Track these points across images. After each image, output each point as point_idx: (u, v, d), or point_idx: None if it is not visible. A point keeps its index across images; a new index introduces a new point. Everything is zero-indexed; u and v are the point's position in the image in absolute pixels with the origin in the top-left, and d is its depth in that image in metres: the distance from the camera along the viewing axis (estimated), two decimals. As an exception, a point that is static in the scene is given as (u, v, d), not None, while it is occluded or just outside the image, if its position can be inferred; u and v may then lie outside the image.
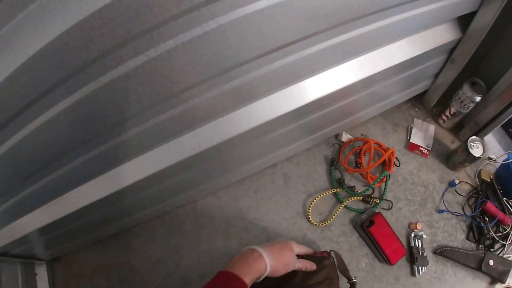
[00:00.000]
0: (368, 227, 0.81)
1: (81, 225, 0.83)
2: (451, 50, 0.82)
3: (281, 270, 0.59)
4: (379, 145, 0.86)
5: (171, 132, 0.61)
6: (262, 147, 0.78)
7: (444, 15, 0.72)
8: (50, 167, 0.60)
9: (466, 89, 0.83)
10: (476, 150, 0.82)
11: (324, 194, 0.84)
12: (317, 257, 0.69)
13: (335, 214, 0.82)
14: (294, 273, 0.65)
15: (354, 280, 0.71)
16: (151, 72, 0.44)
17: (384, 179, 0.84)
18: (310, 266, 0.65)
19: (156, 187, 0.75)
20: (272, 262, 0.57)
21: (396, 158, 0.88)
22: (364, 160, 0.87)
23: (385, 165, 0.86)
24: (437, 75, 0.93)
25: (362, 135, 0.90)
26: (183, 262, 0.85)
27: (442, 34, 0.76)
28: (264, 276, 0.56)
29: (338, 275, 0.71)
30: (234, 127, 0.64)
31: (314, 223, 0.82)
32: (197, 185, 0.82)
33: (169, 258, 0.86)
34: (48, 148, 0.54)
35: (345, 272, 0.73)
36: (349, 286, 0.72)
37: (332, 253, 0.72)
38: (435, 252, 0.83)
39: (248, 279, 0.52)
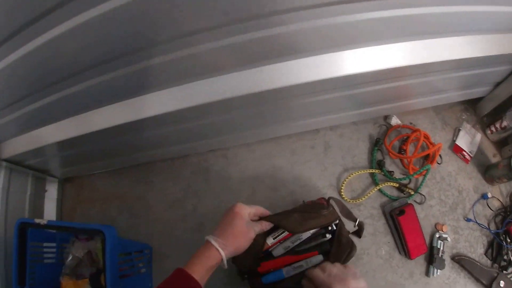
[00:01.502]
0: (398, 215, 0.78)
1: (100, 148, 0.80)
2: (520, 63, 0.78)
3: (241, 245, 0.53)
4: (427, 138, 0.83)
5: (223, 63, 0.56)
6: (308, 107, 0.74)
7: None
8: (81, 76, 0.55)
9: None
10: (517, 170, 0.79)
11: (361, 172, 0.80)
12: (315, 204, 0.65)
13: (368, 195, 0.79)
14: (291, 212, 0.61)
15: (359, 220, 0.68)
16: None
17: (424, 173, 0.82)
18: (266, 225, 0.59)
19: (188, 124, 0.71)
20: (224, 244, 0.51)
21: (440, 155, 0.85)
22: (409, 148, 0.84)
23: (428, 159, 0.83)
24: (497, 84, 0.90)
25: (411, 123, 0.87)
26: (201, 208, 0.82)
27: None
28: (226, 259, 0.51)
29: (341, 220, 0.66)
30: (286, 77, 0.59)
31: (345, 198, 0.79)
32: (233, 131, 0.78)
33: (187, 200, 0.84)
34: (83, 54, 0.50)
35: (350, 215, 0.69)
36: (357, 228, 0.68)
37: (331, 201, 0.67)
38: (453, 258, 0.81)
39: (199, 274, 0.48)
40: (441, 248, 0.80)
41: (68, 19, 0.43)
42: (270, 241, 0.61)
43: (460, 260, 0.80)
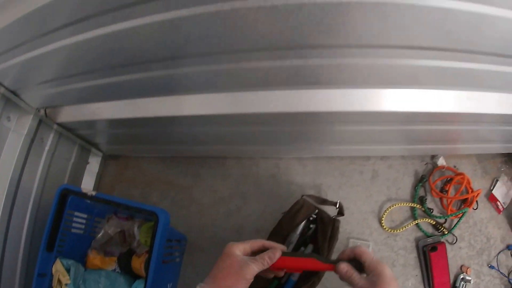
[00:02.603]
0: (430, 251, 0.82)
1: (154, 134, 0.83)
2: None
3: (233, 286, 0.46)
4: (468, 183, 0.87)
5: (289, 80, 0.59)
6: (364, 135, 0.77)
7: None
8: (154, 65, 0.57)
9: None
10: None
11: (403, 204, 0.84)
12: (292, 205, 0.72)
13: (406, 227, 0.83)
14: (280, 223, 0.69)
15: (338, 201, 0.73)
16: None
17: (460, 215, 0.85)
18: (270, 257, 0.49)
19: (248, 128, 0.74)
20: None
21: (476, 201, 0.89)
22: (451, 190, 0.88)
23: (466, 202, 0.87)
24: (539, 144, 0.93)
25: (454, 166, 0.91)
26: (245, 210, 0.86)
27: None
28: None
29: (321, 209, 0.73)
30: (350, 104, 0.63)
31: (384, 227, 0.82)
32: (289, 143, 0.82)
33: (233, 200, 0.87)
34: (157, 47, 0.52)
35: (326, 202, 0.74)
36: (338, 210, 0.73)
37: (303, 197, 0.73)
38: (471, 300, 0.84)
39: None
40: (463, 290, 0.84)
41: (150, 14, 0.45)
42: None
43: (477, 304, 0.84)
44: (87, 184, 1.00)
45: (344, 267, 0.48)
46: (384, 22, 0.44)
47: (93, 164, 1.03)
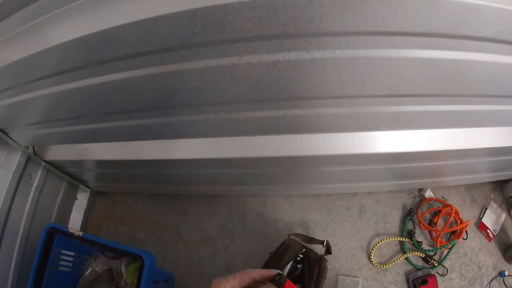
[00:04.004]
0: (421, 284, 0.81)
1: (141, 174, 0.83)
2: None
3: None
4: (457, 214, 0.87)
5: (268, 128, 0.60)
6: (349, 174, 0.78)
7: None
8: (144, 113, 0.59)
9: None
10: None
11: (392, 239, 0.84)
12: (279, 246, 0.72)
13: (395, 262, 0.82)
14: (267, 264, 0.69)
15: (326, 239, 0.73)
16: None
17: (450, 247, 0.85)
18: (245, 276, 0.46)
19: (232, 171, 0.75)
20: None
21: (466, 231, 0.89)
22: (439, 222, 0.87)
23: (455, 234, 0.87)
24: (526, 169, 0.93)
25: (443, 197, 0.91)
26: (233, 249, 0.85)
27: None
28: None
29: (308, 248, 0.72)
30: (330, 147, 0.64)
31: (373, 263, 0.82)
32: (274, 183, 0.82)
33: (220, 239, 0.86)
34: (151, 95, 0.53)
35: (313, 240, 0.74)
36: (325, 248, 0.73)
37: (291, 236, 0.74)
38: (465, 331, 0.83)
39: None
40: (456, 321, 0.83)
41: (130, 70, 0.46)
42: None
43: (470, 334, 0.83)
44: (75, 220, 0.99)
45: None
46: (358, 74, 0.44)
47: (81, 200, 1.02)
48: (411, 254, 0.84)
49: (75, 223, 1.00)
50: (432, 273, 0.85)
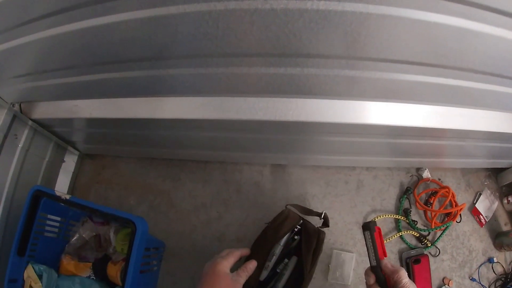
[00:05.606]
0: (414, 263, 0.81)
1: (133, 135, 0.79)
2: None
3: None
4: (453, 196, 0.87)
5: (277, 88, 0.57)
6: (351, 146, 0.76)
7: None
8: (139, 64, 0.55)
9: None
10: (526, 242, 0.84)
11: (388, 216, 0.83)
12: (277, 216, 0.70)
13: (390, 239, 0.82)
14: (264, 234, 0.67)
15: (324, 212, 0.72)
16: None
17: (444, 228, 0.85)
18: (250, 266, 0.58)
19: (232, 135, 0.72)
20: None
21: (460, 214, 0.89)
22: (435, 203, 0.87)
23: (450, 216, 0.87)
24: (521, 159, 0.94)
25: (439, 179, 0.91)
26: (227, 218, 0.83)
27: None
28: None
29: (306, 220, 0.71)
30: (340, 115, 0.62)
31: (368, 238, 0.81)
32: (274, 151, 0.80)
33: (214, 207, 0.84)
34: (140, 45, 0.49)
35: (311, 212, 0.73)
36: (323, 221, 0.72)
37: (289, 206, 0.72)
38: (452, 312, 0.84)
39: None
40: (444, 302, 0.83)
41: (135, 10, 0.42)
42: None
43: (457, 316, 0.83)
44: (62, 184, 0.95)
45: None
46: (386, 34, 0.42)
47: (69, 163, 0.97)
48: (405, 232, 0.84)
49: (62, 187, 0.95)
50: (425, 253, 0.85)
